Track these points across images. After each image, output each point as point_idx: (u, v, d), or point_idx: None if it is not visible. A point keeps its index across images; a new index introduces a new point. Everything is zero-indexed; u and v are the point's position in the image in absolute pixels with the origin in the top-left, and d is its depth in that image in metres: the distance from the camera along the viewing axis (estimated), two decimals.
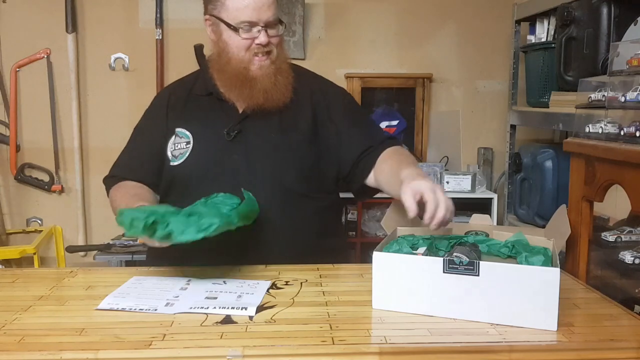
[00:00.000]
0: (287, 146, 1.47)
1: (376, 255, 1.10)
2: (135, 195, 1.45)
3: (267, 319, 1.05)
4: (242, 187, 1.37)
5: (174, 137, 1.50)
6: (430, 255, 1.11)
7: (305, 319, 1.05)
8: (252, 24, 1.40)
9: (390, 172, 1.42)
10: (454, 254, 1.10)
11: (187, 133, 1.49)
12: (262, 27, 1.40)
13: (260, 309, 1.09)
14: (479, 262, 1.03)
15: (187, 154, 1.47)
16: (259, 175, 1.44)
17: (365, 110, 2.97)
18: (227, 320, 1.04)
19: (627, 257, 1.55)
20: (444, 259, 1.05)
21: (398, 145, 1.57)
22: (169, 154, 1.50)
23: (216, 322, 1.03)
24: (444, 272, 1.04)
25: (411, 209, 1.17)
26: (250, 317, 1.05)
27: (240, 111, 1.48)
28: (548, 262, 1.13)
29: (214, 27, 1.46)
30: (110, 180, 1.57)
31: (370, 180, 1.51)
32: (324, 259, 1.40)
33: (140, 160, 1.55)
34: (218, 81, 1.49)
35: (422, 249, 1.18)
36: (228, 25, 1.41)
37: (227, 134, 1.46)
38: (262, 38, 1.40)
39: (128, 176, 1.54)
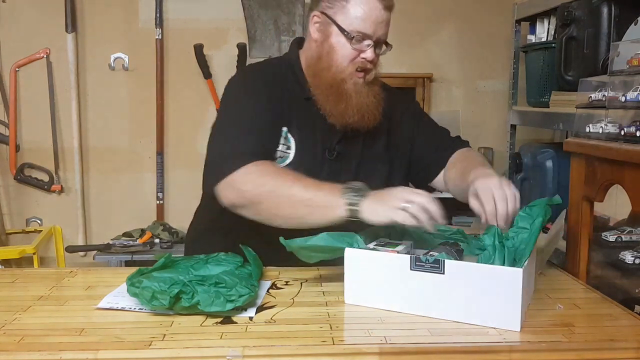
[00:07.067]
0: (373, 166, 1.45)
1: (348, 252, 1.11)
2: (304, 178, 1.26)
3: (267, 319, 1.05)
4: None
5: (280, 136, 1.38)
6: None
7: (305, 319, 1.05)
8: (365, 37, 1.33)
9: (458, 177, 1.38)
10: (431, 252, 1.11)
11: (291, 138, 1.38)
12: (372, 42, 1.34)
13: (260, 309, 1.09)
14: (444, 261, 1.03)
15: (287, 161, 1.37)
16: None
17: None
18: (227, 320, 1.04)
19: (628, 257, 1.55)
20: (411, 256, 1.06)
21: (466, 147, 1.53)
22: None
23: (216, 322, 1.03)
24: (411, 269, 1.05)
25: (480, 213, 1.19)
26: (250, 317, 1.05)
27: (336, 126, 1.39)
28: (533, 237, 1.12)
29: (323, 26, 1.37)
30: (241, 165, 1.26)
31: (439, 183, 1.49)
32: None
33: (267, 139, 1.35)
34: (312, 87, 1.40)
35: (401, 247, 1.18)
36: (342, 30, 1.33)
37: (329, 151, 1.40)
38: (369, 53, 1.34)
39: (263, 157, 1.30)
